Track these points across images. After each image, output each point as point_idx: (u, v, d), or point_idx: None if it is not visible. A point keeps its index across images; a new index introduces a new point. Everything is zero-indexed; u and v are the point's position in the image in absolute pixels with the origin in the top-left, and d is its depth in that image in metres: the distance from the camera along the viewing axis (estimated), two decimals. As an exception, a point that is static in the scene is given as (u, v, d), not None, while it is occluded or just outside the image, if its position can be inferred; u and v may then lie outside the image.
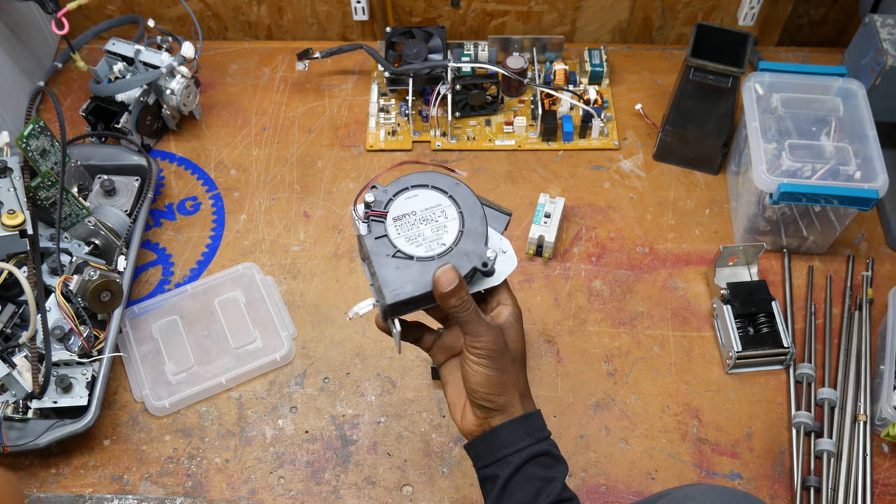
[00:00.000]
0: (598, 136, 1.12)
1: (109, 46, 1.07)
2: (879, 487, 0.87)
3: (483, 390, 0.63)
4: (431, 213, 0.63)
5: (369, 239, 0.63)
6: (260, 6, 1.21)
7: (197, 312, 0.97)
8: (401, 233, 0.63)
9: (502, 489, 0.64)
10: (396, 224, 0.63)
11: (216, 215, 1.06)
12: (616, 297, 1.00)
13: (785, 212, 0.97)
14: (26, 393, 0.85)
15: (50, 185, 0.91)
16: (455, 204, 0.64)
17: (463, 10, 1.20)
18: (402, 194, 0.64)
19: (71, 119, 1.13)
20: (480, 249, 0.62)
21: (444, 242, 0.63)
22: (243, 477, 0.88)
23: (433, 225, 0.63)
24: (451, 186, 0.64)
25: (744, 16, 1.19)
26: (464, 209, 0.63)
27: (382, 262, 0.62)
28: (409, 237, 0.63)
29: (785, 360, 0.94)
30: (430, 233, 0.63)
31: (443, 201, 0.64)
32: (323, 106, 1.16)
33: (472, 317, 0.62)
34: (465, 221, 0.63)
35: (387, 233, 0.63)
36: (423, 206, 0.64)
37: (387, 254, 0.62)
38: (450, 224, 0.63)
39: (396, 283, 0.62)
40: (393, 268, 0.62)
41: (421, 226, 0.63)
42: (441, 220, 0.63)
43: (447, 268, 0.61)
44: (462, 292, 0.61)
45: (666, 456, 0.89)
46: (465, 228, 0.63)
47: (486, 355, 0.62)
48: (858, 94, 0.98)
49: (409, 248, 0.63)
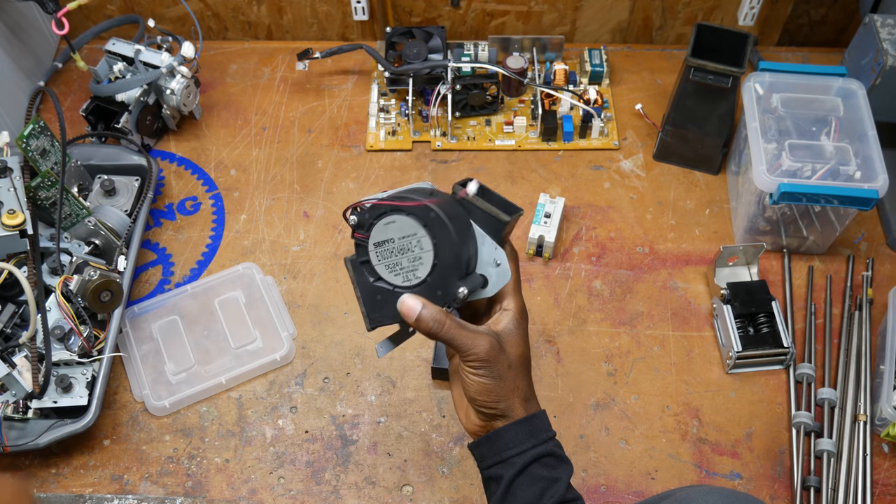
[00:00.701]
0: (598, 136, 1.12)
1: (109, 46, 1.07)
2: (879, 487, 0.87)
3: (482, 398, 0.63)
4: (407, 243, 0.61)
5: (354, 263, 0.63)
6: (260, 6, 1.21)
7: (197, 312, 0.97)
8: (381, 259, 0.62)
9: (506, 490, 0.64)
10: (377, 250, 0.62)
11: (216, 215, 1.06)
12: (616, 297, 1.00)
13: (785, 212, 0.97)
14: (26, 393, 0.85)
15: (50, 185, 0.91)
16: (430, 235, 0.60)
17: (463, 10, 1.20)
18: (381, 218, 0.61)
19: (71, 119, 1.13)
20: (452, 287, 0.60)
21: (418, 275, 0.61)
22: (243, 477, 0.88)
23: (410, 255, 0.61)
24: (425, 214, 0.59)
25: (744, 16, 1.19)
26: (438, 240, 0.60)
27: (365, 289, 0.63)
28: (389, 265, 0.62)
29: (785, 360, 0.94)
30: (406, 262, 0.61)
31: (418, 230, 0.60)
32: (323, 106, 1.16)
33: (454, 333, 0.61)
34: (439, 254, 0.60)
35: (369, 258, 0.62)
36: (399, 233, 0.61)
37: (370, 280, 0.63)
38: (424, 255, 0.61)
39: (377, 311, 0.62)
40: (374, 295, 0.62)
41: (398, 255, 0.61)
42: (416, 251, 0.61)
43: (406, 297, 0.61)
44: (434, 317, 0.60)
45: (666, 456, 0.89)
46: (438, 262, 0.60)
47: (480, 366, 0.62)
48: (858, 94, 0.98)
49: (388, 277, 0.62)
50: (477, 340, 0.62)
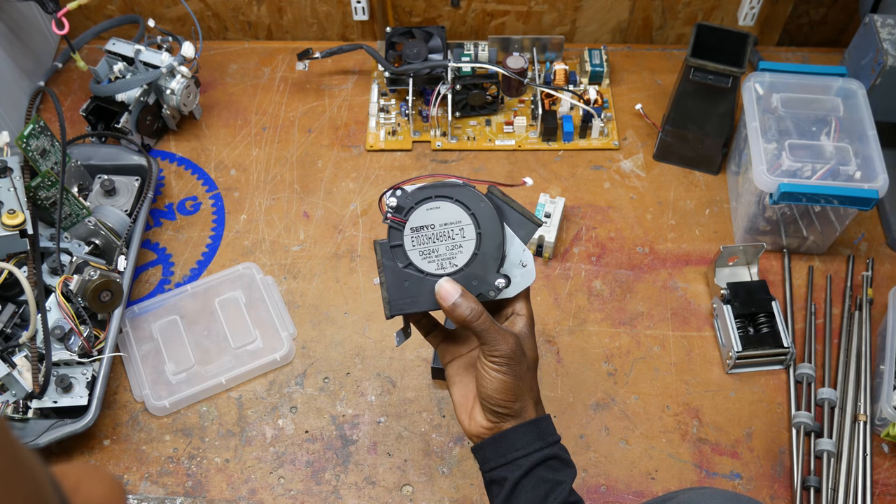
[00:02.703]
0: (598, 136, 1.12)
1: (109, 46, 1.07)
2: (879, 487, 0.87)
3: (499, 396, 0.62)
4: (449, 230, 0.61)
5: (384, 246, 0.62)
6: (260, 6, 1.21)
7: (197, 312, 0.97)
8: (416, 245, 0.61)
9: (511, 492, 0.64)
10: (413, 236, 0.61)
11: (216, 215, 1.06)
12: (616, 297, 1.00)
13: (785, 212, 0.97)
14: (26, 393, 0.85)
15: (50, 185, 0.91)
16: (475, 223, 0.61)
17: (463, 10, 1.20)
18: (424, 203, 0.61)
19: (71, 119, 1.13)
20: (491, 276, 0.61)
21: (456, 263, 0.61)
22: (243, 477, 0.88)
23: (448, 242, 0.61)
24: (474, 203, 0.61)
25: (744, 16, 1.19)
26: (483, 230, 0.61)
27: (393, 274, 0.61)
28: (424, 251, 0.61)
29: (785, 360, 0.94)
30: (444, 250, 0.61)
31: (463, 218, 0.61)
32: (323, 106, 1.16)
33: (487, 326, 0.61)
34: (482, 244, 0.61)
35: (402, 243, 0.61)
36: (442, 220, 0.61)
37: (399, 265, 0.62)
38: (465, 244, 0.61)
39: (402, 297, 0.61)
40: (402, 281, 0.61)
41: (437, 241, 0.61)
42: (457, 239, 0.61)
43: (444, 281, 0.60)
44: (471, 305, 0.60)
45: (666, 456, 0.89)
46: (479, 252, 0.61)
47: (505, 363, 0.62)
48: (858, 94, 0.98)
49: (420, 263, 0.61)
50: (506, 337, 0.62)
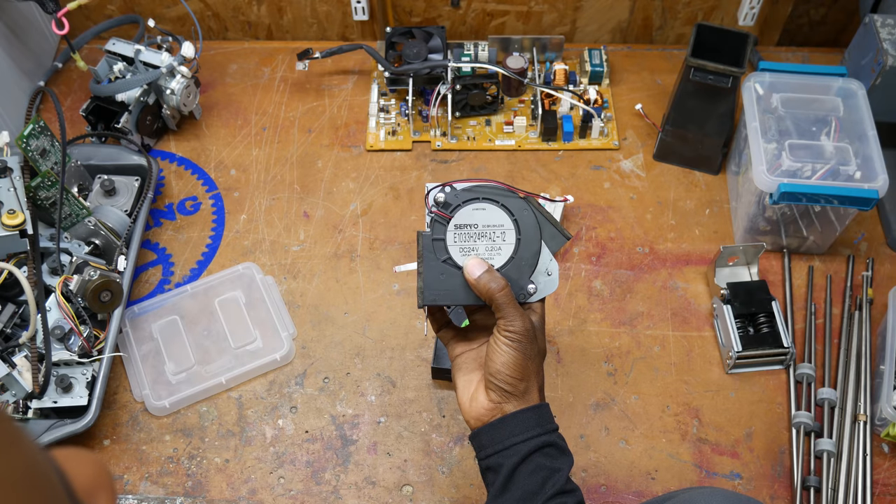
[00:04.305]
0: (598, 136, 1.12)
1: (109, 46, 1.07)
2: (879, 487, 0.87)
3: (507, 371, 0.64)
4: (491, 231, 0.65)
5: (427, 238, 0.65)
6: (260, 6, 1.21)
7: (197, 312, 0.97)
8: (457, 241, 0.65)
9: (508, 477, 0.64)
10: (456, 232, 0.65)
11: (216, 215, 1.06)
12: (616, 297, 1.00)
13: (785, 212, 0.97)
14: (26, 393, 0.85)
15: (50, 185, 0.91)
16: (517, 229, 0.65)
17: (463, 10, 1.20)
18: (470, 203, 0.65)
19: (71, 119, 1.13)
20: (524, 281, 0.65)
21: (493, 264, 0.65)
22: (243, 477, 0.88)
23: (489, 243, 0.65)
24: (518, 210, 0.65)
25: (744, 16, 1.19)
26: (523, 236, 0.65)
27: (431, 265, 0.65)
28: (464, 248, 0.65)
29: (785, 360, 0.94)
30: (483, 249, 0.65)
31: (506, 222, 0.65)
32: (323, 106, 1.16)
33: (509, 300, 0.64)
34: (520, 249, 0.65)
35: (444, 237, 0.65)
36: (485, 221, 0.65)
37: (438, 258, 0.65)
38: (504, 247, 0.65)
39: (436, 288, 0.64)
40: (438, 273, 0.65)
41: (478, 240, 0.65)
42: (498, 241, 0.65)
43: (473, 258, 0.64)
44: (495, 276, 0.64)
45: (666, 456, 0.89)
46: (516, 255, 0.65)
47: (518, 339, 0.64)
48: (858, 94, 0.98)
49: (459, 259, 0.65)
50: (523, 315, 0.64)
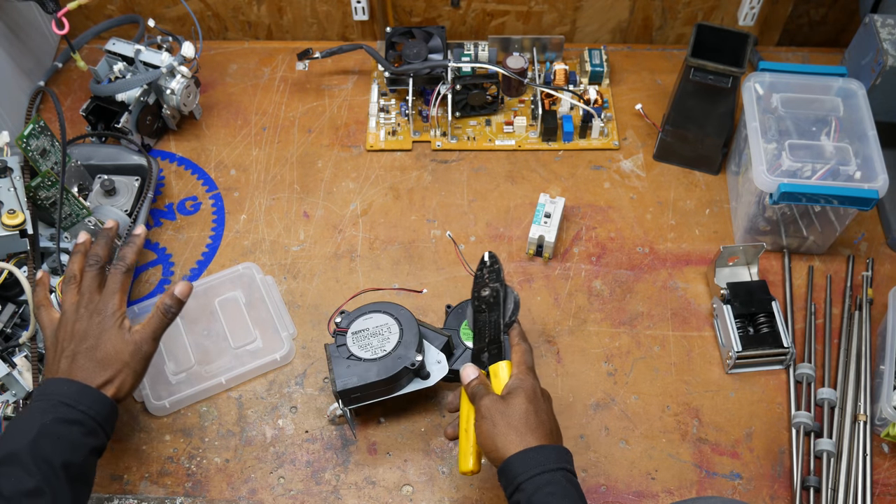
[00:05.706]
0: (598, 136, 1.12)
1: (109, 46, 1.07)
2: (879, 487, 0.87)
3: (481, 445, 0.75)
4: (380, 329, 0.85)
5: (332, 347, 0.85)
6: (260, 6, 1.21)
7: (197, 312, 0.97)
8: (356, 342, 0.85)
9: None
10: (354, 337, 0.85)
11: (216, 215, 1.06)
12: (616, 297, 1.00)
13: (785, 212, 0.97)
14: (26, 393, 0.85)
15: (50, 185, 0.91)
16: (398, 323, 0.85)
17: (463, 10, 1.20)
18: (360, 316, 0.86)
19: (71, 119, 1.13)
20: (411, 354, 0.83)
21: (385, 349, 0.84)
22: (243, 477, 0.88)
23: (380, 338, 0.85)
24: (397, 311, 0.86)
25: (744, 16, 1.19)
26: (404, 327, 0.85)
27: (339, 363, 0.84)
28: (362, 346, 0.84)
29: (785, 360, 0.94)
30: (376, 343, 0.84)
31: (389, 321, 0.86)
32: (323, 106, 1.16)
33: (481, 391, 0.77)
34: (403, 335, 0.85)
35: (346, 343, 0.85)
36: (375, 324, 0.86)
37: (344, 357, 0.84)
38: (392, 337, 0.85)
39: (345, 375, 0.83)
40: (345, 366, 0.83)
41: (371, 338, 0.85)
42: (386, 334, 0.85)
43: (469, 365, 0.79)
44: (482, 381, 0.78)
45: (666, 456, 0.89)
46: (402, 340, 0.84)
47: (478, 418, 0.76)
48: (858, 94, 0.98)
49: (359, 353, 0.84)
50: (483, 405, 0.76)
